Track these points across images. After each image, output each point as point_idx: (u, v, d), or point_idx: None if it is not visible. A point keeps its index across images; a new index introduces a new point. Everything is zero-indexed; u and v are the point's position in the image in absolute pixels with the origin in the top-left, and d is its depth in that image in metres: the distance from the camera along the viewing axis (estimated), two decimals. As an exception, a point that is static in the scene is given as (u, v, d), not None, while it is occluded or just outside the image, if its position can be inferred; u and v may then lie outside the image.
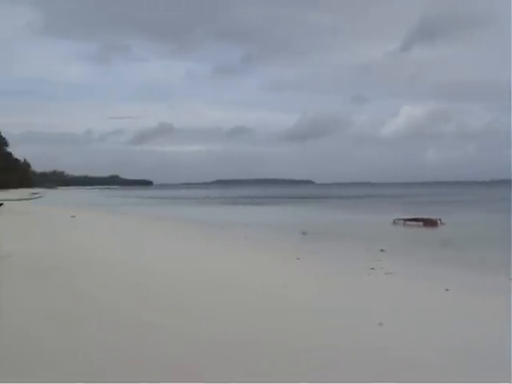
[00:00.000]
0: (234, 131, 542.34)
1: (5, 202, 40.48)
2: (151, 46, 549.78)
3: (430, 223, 30.62)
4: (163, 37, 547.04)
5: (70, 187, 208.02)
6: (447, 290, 10.13)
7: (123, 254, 13.84)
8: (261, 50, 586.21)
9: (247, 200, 76.68)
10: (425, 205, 54.89)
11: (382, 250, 17.80)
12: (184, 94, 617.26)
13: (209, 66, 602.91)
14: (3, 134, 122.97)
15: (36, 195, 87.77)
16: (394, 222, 31.65)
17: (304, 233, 25.05)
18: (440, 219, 30.77)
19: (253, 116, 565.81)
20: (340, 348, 5.85)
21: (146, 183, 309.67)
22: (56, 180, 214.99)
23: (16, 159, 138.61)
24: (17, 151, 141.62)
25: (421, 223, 30.96)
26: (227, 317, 7.22)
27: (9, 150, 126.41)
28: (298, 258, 14.89)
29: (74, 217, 29.97)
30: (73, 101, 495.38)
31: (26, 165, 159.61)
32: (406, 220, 31.78)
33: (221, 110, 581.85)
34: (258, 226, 29.58)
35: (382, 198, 78.41)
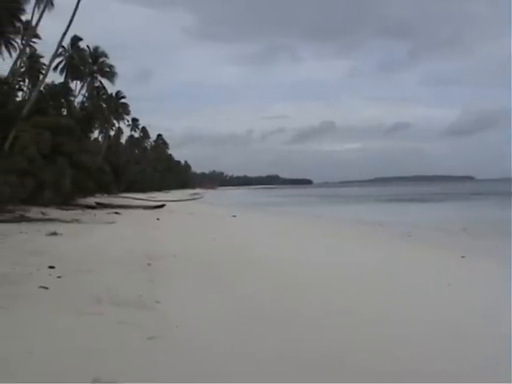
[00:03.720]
0: (393, 128, 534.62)
1: (167, 203, 43.38)
2: (311, 47, 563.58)
3: None
4: (325, 37, 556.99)
5: (230, 187, 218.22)
6: None
7: (283, 253, 14.24)
8: (423, 45, 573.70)
9: (406, 197, 74.35)
10: None
11: None
12: (346, 92, 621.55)
13: (370, 63, 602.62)
14: (166, 136, 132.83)
15: (196, 196, 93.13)
16: None
17: (465, 229, 24.22)
18: None
19: (413, 112, 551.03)
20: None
21: (305, 182, 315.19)
22: (216, 180, 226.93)
23: (177, 161, 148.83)
24: (178, 153, 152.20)
25: None
26: (390, 317, 7.39)
27: (170, 152, 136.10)
28: (463, 256, 14.57)
29: (234, 216, 31.11)
30: (231, 102, 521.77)
31: (187, 166, 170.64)
32: None
33: (381, 107, 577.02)
34: (419, 223, 28.93)
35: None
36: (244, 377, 5.03)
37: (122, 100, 71.29)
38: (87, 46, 53.96)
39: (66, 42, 48.81)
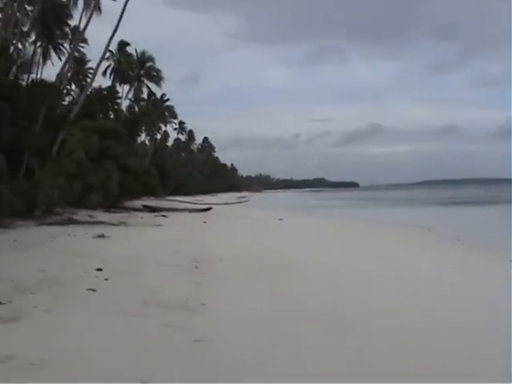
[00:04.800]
0: (443, 130, 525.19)
1: (213, 206, 43.64)
2: (359, 48, 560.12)
3: None
4: (373, 38, 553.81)
5: (276, 190, 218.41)
6: None
7: (331, 257, 14.40)
8: (473, 46, 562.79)
9: (455, 200, 72.89)
10: None
11: None
12: (394, 94, 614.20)
13: (419, 64, 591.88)
14: (212, 140, 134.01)
15: (243, 199, 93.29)
16: None
17: None
18: None
19: (463, 114, 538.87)
20: None
21: (352, 185, 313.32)
22: (261, 183, 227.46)
23: (224, 164, 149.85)
24: (224, 156, 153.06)
25: None
26: (433, 322, 7.37)
27: (216, 155, 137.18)
28: (511, 260, 14.22)
29: (281, 220, 31.02)
30: (278, 104, 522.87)
31: (233, 169, 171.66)
32: None
33: (430, 109, 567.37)
34: (468, 227, 28.55)
35: None
36: (290, 379, 5.05)
37: (167, 103, 72.06)
38: (135, 50, 55.00)
39: (114, 47, 49.82)
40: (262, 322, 7.12)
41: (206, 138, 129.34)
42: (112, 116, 43.25)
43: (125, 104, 53.97)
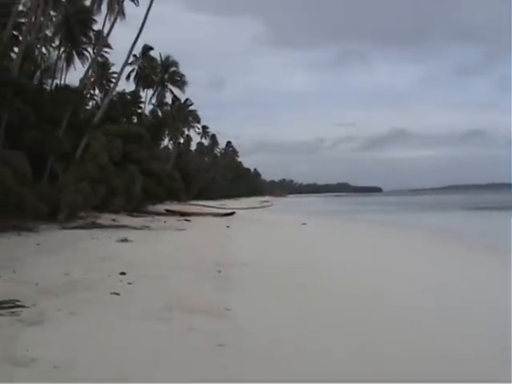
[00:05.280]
0: (468, 134, 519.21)
1: (237, 211, 43.69)
2: (383, 52, 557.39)
3: None
4: (397, 42, 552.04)
5: (300, 195, 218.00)
6: None
7: (355, 262, 14.26)
8: (498, 49, 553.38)
9: (482, 205, 71.84)
10: None
11: None
12: (417, 98, 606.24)
13: (443, 68, 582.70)
14: (236, 144, 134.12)
15: (266, 203, 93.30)
16: None
17: None
18: None
19: (489, 117, 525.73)
20: None
21: (375, 190, 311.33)
22: (285, 188, 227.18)
23: (247, 168, 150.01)
24: (248, 160, 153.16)
25: None
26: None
27: (240, 159, 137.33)
28: None
29: (304, 224, 30.90)
30: (302, 109, 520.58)
31: (257, 174, 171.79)
32: None
33: (455, 113, 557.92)
34: (493, 233, 27.80)
35: None
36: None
37: (190, 108, 72.30)
38: (159, 54, 55.25)
39: (138, 51, 50.13)
40: (286, 327, 7.11)
41: (229, 143, 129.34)
42: (135, 120, 43.56)
43: (148, 108, 54.36)
